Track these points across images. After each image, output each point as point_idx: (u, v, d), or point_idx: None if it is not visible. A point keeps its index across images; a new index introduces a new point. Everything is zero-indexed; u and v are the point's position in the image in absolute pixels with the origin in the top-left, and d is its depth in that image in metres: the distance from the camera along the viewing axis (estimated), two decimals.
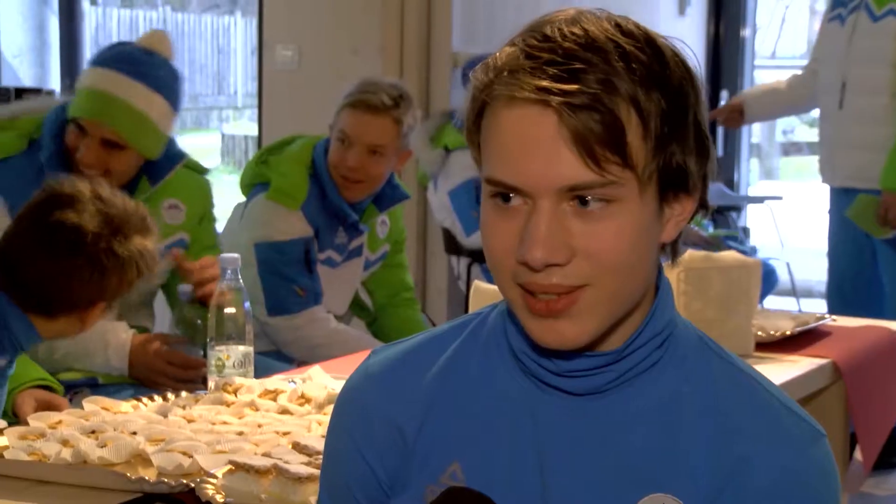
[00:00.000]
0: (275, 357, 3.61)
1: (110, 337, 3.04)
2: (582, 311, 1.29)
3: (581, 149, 1.25)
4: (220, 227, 3.51)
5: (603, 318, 1.31)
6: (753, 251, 6.88)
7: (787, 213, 9.16)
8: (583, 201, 1.27)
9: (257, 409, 2.45)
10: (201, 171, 3.38)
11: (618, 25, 1.29)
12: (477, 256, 5.25)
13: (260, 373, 2.78)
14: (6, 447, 2.20)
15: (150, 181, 3.19)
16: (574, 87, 1.24)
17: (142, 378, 3.03)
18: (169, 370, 2.99)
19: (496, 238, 1.30)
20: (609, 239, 1.27)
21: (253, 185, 3.71)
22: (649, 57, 1.28)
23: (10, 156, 3.07)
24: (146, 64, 3.12)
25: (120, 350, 3.03)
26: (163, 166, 3.20)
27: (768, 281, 6.25)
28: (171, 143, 3.24)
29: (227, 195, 3.82)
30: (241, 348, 2.65)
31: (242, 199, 3.78)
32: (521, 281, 1.29)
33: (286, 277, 3.56)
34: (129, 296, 3.04)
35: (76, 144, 3.07)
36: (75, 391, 3.07)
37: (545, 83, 1.25)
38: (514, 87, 1.26)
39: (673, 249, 1.38)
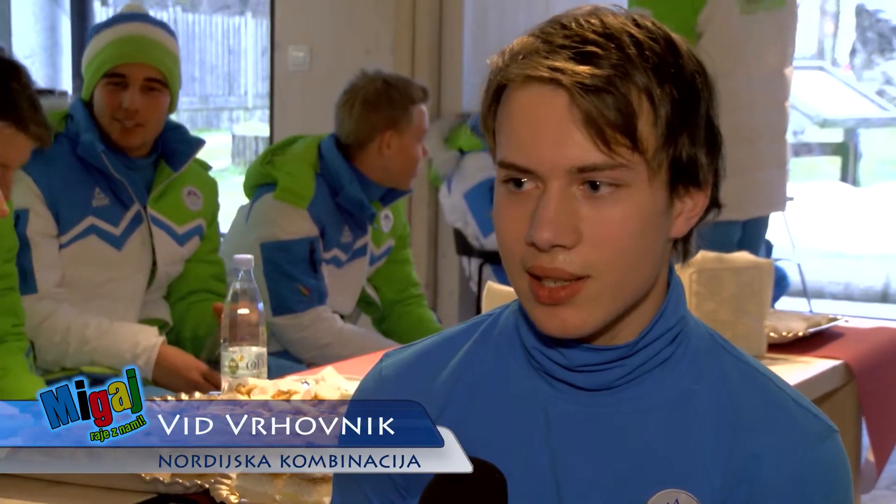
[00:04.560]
0: (287, 358, 3.61)
1: (141, 338, 3.08)
2: (585, 301, 1.30)
3: (591, 130, 1.27)
4: (220, 228, 3.54)
5: (606, 310, 1.32)
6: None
7: (799, 214, 9.15)
8: (593, 185, 1.29)
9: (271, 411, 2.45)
10: (206, 166, 3.44)
11: (633, 20, 1.32)
12: (488, 258, 5.25)
13: (273, 374, 2.79)
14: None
15: (171, 166, 3.25)
16: (587, 69, 1.27)
17: (166, 385, 3.05)
18: (204, 387, 3.00)
19: (507, 223, 1.32)
20: (616, 224, 1.29)
21: (258, 185, 3.72)
22: (663, 48, 1.30)
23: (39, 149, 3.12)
24: (152, 17, 3.31)
25: (147, 353, 3.07)
26: (182, 152, 3.27)
27: (780, 286, 6.22)
28: (185, 131, 3.30)
29: (237, 196, 3.83)
30: (255, 349, 2.65)
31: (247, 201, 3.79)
32: (528, 266, 1.30)
33: (290, 277, 3.57)
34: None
35: (115, 100, 3.14)
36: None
37: (559, 64, 1.27)
38: (528, 68, 1.29)
39: (684, 248, 1.39)
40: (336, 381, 2.63)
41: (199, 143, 3.34)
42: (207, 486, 1.99)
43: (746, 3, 4.47)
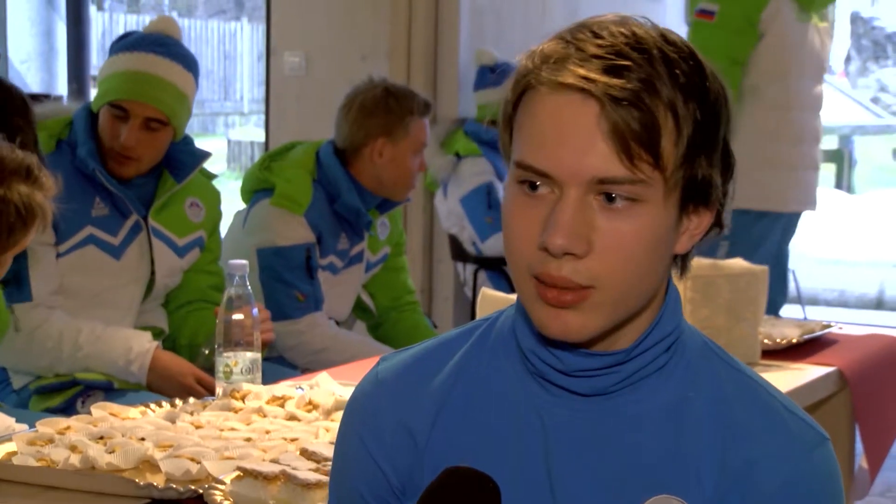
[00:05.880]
0: (282, 363, 3.61)
1: (134, 344, 3.07)
2: (588, 308, 1.31)
3: (617, 143, 1.27)
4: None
5: (608, 317, 1.32)
6: None
7: None
8: (609, 197, 1.29)
9: (265, 416, 2.46)
10: (211, 176, 3.43)
11: (663, 34, 1.32)
12: (483, 263, 5.26)
13: (267, 379, 2.79)
14: (15, 453, 2.20)
15: (175, 177, 3.23)
16: (618, 81, 1.27)
17: (160, 390, 3.04)
18: (198, 392, 2.99)
19: (518, 224, 1.32)
20: (629, 238, 1.29)
21: (255, 191, 3.72)
22: (691, 68, 1.31)
23: (43, 155, 3.09)
24: (175, 45, 3.23)
25: (141, 358, 3.05)
26: (187, 164, 3.25)
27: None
28: (191, 142, 3.29)
29: (232, 201, 3.82)
30: (249, 354, 2.65)
31: (244, 206, 3.79)
32: (535, 271, 1.31)
33: (287, 283, 3.57)
34: (37, 257, 3.01)
35: (114, 130, 3.12)
36: (88, 394, 3.09)
37: (591, 74, 1.27)
38: (560, 74, 1.29)
39: (683, 262, 1.39)
40: (331, 387, 2.63)
41: (204, 155, 3.32)
42: (201, 491, 1.99)
43: (801, 11, 4.69)
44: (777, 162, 4.69)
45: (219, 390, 2.64)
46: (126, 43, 3.20)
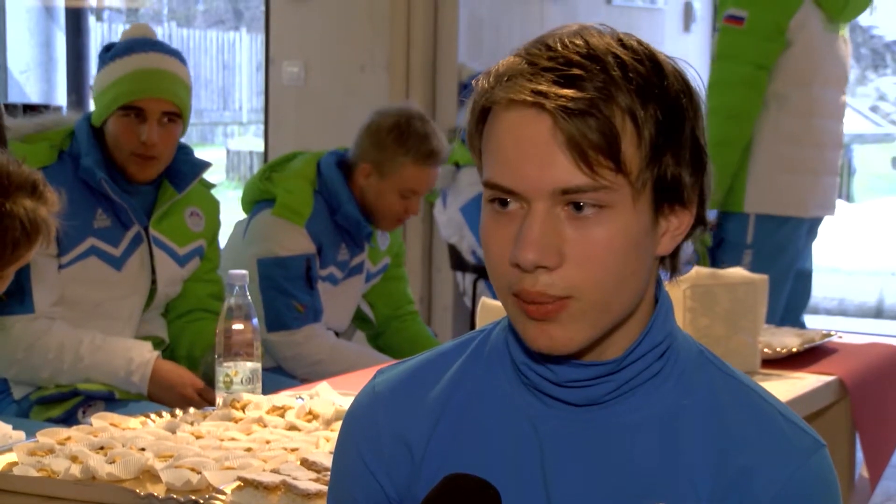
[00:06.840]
0: (282, 373, 3.61)
1: (134, 354, 3.07)
2: (571, 319, 1.31)
3: (575, 153, 1.27)
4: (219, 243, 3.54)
5: (592, 327, 1.33)
6: None
7: None
8: (577, 206, 1.29)
9: (265, 426, 2.46)
10: (210, 185, 3.44)
11: (619, 40, 1.32)
12: (483, 273, 5.26)
13: (267, 389, 2.79)
14: (15, 463, 2.20)
15: (175, 187, 3.24)
16: (570, 92, 1.27)
17: (160, 400, 3.04)
18: (198, 402, 2.99)
19: (494, 244, 1.33)
20: (600, 245, 1.29)
21: (256, 201, 3.72)
22: (647, 69, 1.30)
23: (44, 166, 3.08)
24: (165, 44, 3.27)
25: (142, 368, 3.05)
26: (187, 174, 3.26)
27: None
28: (190, 152, 3.30)
29: (231, 211, 3.82)
30: (250, 364, 2.66)
31: (244, 216, 3.79)
32: (514, 289, 1.31)
33: (286, 293, 3.57)
34: (42, 271, 3.01)
35: (131, 133, 3.12)
36: (89, 404, 3.09)
37: (542, 87, 1.27)
38: (511, 91, 1.29)
39: (672, 265, 1.39)
40: (331, 397, 2.63)
41: (204, 165, 3.33)
42: (202, 501, 1.99)
43: (829, 21, 4.74)
44: (799, 167, 4.72)
45: (219, 400, 2.64)
46: (118, 49, 3.21)
